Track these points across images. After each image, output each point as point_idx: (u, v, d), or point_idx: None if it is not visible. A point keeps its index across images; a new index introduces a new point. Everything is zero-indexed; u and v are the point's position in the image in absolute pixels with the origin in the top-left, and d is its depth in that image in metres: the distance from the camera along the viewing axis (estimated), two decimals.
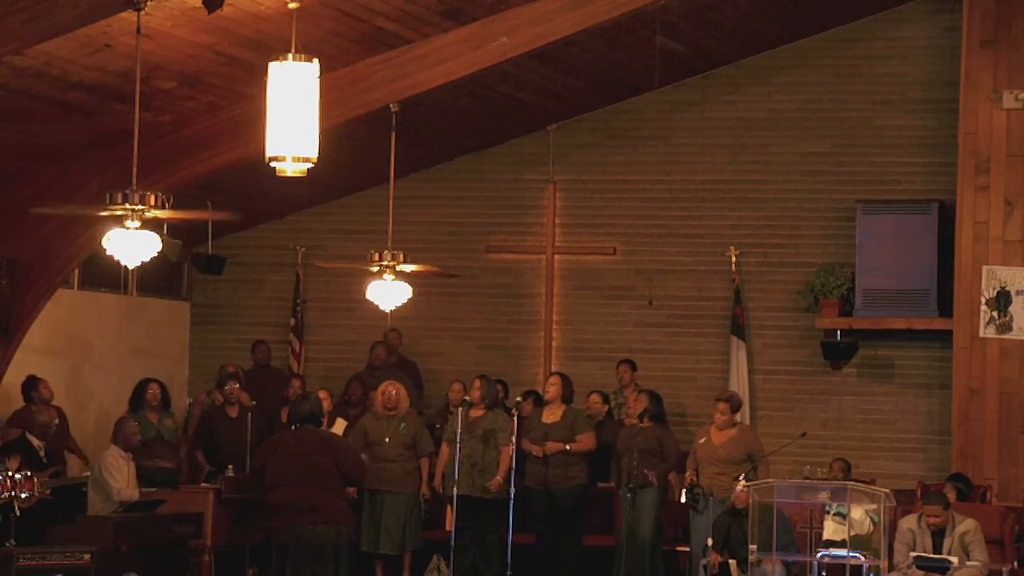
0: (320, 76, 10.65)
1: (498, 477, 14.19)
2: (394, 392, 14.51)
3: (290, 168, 10.58)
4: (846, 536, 11.86)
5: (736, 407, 13.79)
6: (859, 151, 15.89)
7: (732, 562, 12.34)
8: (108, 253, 10.69)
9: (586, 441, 14.47)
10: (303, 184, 12.25)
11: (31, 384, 14.07)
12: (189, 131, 13.33)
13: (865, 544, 11.90)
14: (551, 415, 14.56)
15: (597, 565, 14.46)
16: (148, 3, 10.41)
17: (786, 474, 14.42)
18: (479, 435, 14.30)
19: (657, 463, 13.90)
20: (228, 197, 15.06)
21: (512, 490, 14.06)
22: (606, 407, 15.32)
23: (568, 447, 14.35)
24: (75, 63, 11.68)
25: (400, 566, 14.53)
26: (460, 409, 14.27)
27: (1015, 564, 12.72)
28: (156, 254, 10.74)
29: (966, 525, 12.19)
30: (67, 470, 14.08)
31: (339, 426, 14.95)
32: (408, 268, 13.95)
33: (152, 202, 10.57)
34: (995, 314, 14.53)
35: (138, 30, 10.62)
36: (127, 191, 10.56)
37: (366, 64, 13.03)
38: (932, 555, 12.00)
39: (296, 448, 12.68)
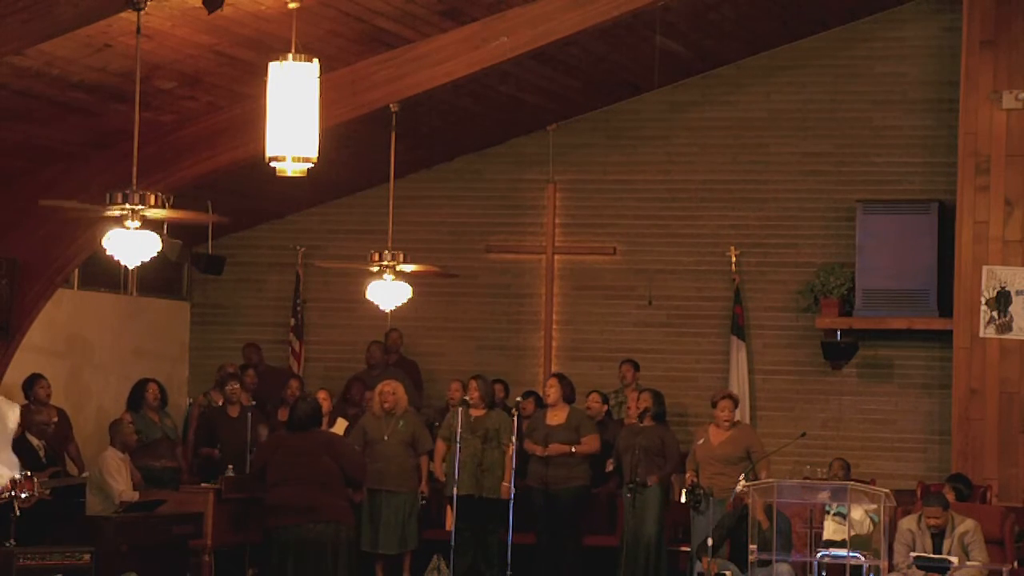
0: (320, 76, 10.65)
1: (505, 482, 14.17)
2: (391, 391, 14.50)
3: (290, 168, 10.58)
4: (846, 536, 11.84)
5: (736, 405, 13.86)
6: (859, 151, 15.88)
7: (727, 573, 12.29)
8: (108, 253, 10.70)
9: (591, 443, 14.46)
10: (303, 184, 12.25)
11: (31, 383, 14.08)
12: (189, 131, 13.33)
13: (865, 544, 11.88)
14: (555, 417, 14.54)
15: (599, 565, 14.46)
16: (148, 3, 10.42)
17: (786, 474, 14.42)
18: (480, 435, 14.30)
19: (659, 462, 13.90)
20: (228, 197, 15.06)
21: (512, 490, 14.06)
22: (605, 407, 15.33)
23: (573, 449, 14.35)
24: (75, 63, 11.67)
25: (400, 566, 14.53)
26: (460, 409, 14.25)
27: (1015, 564, 12.71)
28: (156, 254, 10.75)
29: (966, 525, 12.19)
30: (66, 470, 14.06)
31: (340, 426, 14.96)
32: (408, 268, 13.96)
33: (152, 202, 10.59)
34: (995, 314, 14.52)
35: (138, 30, 10.63)
36: (127, 191, 10.58)
37: (366, 64, 13.02)
38: (932, 555, 12.00)
39: (297, 448, 12.69)
